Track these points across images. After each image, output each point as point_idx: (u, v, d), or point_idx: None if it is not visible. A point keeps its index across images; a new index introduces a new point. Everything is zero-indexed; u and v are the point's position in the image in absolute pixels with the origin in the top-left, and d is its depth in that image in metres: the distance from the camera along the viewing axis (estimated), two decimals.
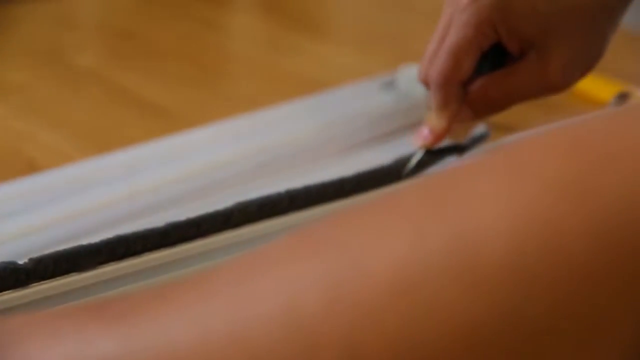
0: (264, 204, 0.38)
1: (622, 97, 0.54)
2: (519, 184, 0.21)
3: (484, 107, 0.45)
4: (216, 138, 0.52)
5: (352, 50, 0.77)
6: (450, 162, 0.47)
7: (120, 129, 0.58)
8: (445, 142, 0.48)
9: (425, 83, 0.46)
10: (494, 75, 0.45)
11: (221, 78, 0.71)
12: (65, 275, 0.34)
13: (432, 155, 0.47)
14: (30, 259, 0.34)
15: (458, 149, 0.48)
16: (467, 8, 0.42)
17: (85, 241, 0.36)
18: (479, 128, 0.52)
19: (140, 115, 0.60)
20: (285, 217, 0.39)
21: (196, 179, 0.47)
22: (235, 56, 0.78)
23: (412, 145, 0.46)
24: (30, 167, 0.50)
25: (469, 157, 0.23)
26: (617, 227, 0.20)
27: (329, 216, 0.24)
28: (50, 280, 0.34)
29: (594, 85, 0.64)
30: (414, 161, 0.46)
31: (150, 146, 0.51)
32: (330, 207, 0.40)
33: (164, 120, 0.59)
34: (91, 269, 0.34)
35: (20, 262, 0.34)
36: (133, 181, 0.46)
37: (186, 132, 0.53)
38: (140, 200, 0.44)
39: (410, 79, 0.59)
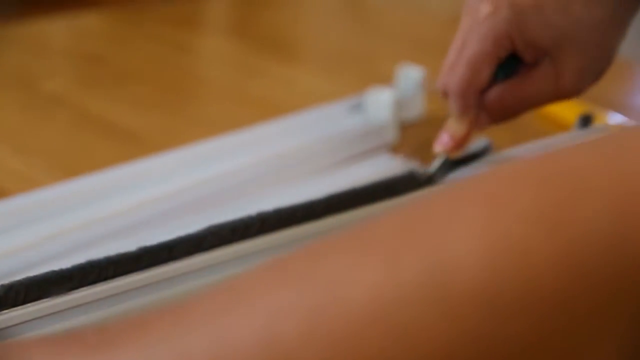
0: (236, 227, 0.38)
1: (586, 119, 0.55)
2: (492, 214, 0.22)
3: (500, 114, 0.47)
4: (186, 161, 0.53)
5: (321, 74, 0.78)
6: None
7: (90, 154, 0.58)
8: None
9: (445, 92, 0.47)
10: (509, 82, 0.47)
11: (191, 101, 0.71)
12: (37, 302, 0.34)
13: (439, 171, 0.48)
14: (1, 286, 0.34)
15: (460, 162, 0.49)
16: (485, 21, 0.44)
17: (56, 266, 0.36)
18: (482, 141, 0.53)
19: (109, 139, 0.60)
20: (257, 240, 0.39)
21: (166, 202, 0.47)
22: (205, 79, 0.78)
23: (435, 149, 0.48)
24: None
25: (442, 186, 0.24)
26: (589, 257, 0.21)
27: (304, 246, 0.24)
28: (22, 307, 0.34)
29: (559, 107, 0.65)
30: (435, 165, 0.48)
31: (120, 170, 0.51)
32: (300, 229, 0.40)
33: (134, 145, 0.59)
34: (63, 295, 0.34)
35: None
36: (103, 205, 0.46)
37: (156, 155, 0.53)
38: (111, 224, 0.44)
39: (377, 101, 0.60)
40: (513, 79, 0.47)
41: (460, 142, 0.48)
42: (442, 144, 0.48)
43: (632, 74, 0.81)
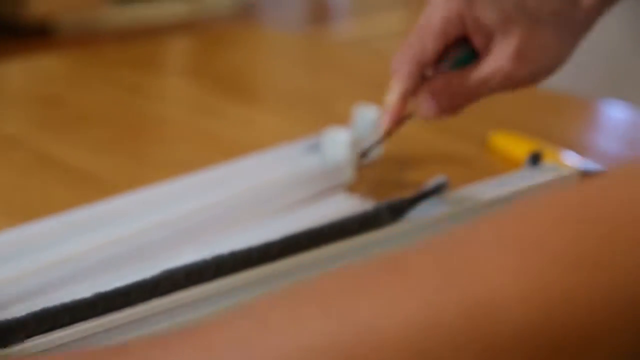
0: (191, 271, 0.38)
1: (536, 157, 0.56)
2: (529, 256, 0.22)
3: (449, 102, 0.47)
4: (144, 203, 0.53)
5: (279, 114, 0.79)
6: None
7: (48, 197, 0.58)
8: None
9: (393, 66, 0.48)
10: (458, 70, 0.47)
11: (150, 143, 0.71)
12: None
13: (396, 209, 0.48)
14: None
15: (416, 200, 0.49)
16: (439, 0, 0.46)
17: (12, 312, 0.36)
18: (439, 178, 0.54)
19: (67, 182, 0.60)
20: (214, 284, 0.39)
21: (124, 245, 0.47)
22: (163, 121, 0.78)
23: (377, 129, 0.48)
24: None
25: (473, 223, 0.24)
26: (624, 299, 0.22)
27: (332, 274, 0.24)
28: None
29: (509, 142, 0.66)
30: (371, 146, 0.48)
31: (79, 213, 0.51)
32: (257, 271, 0.41)
33: (92, 187, 0.59)
34: (17, 344, 0.34)
35: None
36: (61, 248, 0.46)
37: (115, 198, 0.53)
38: (68, 268, 0.44)
39: (334, 141, 0.60)
40: (463, 67, 0.47)
41: (395, 117, 0.47)
42: (383, 124, 0.48)
43: (586, 111, 0.83)
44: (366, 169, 0.63)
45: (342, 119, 0.68)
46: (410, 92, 0.47)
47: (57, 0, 2.60)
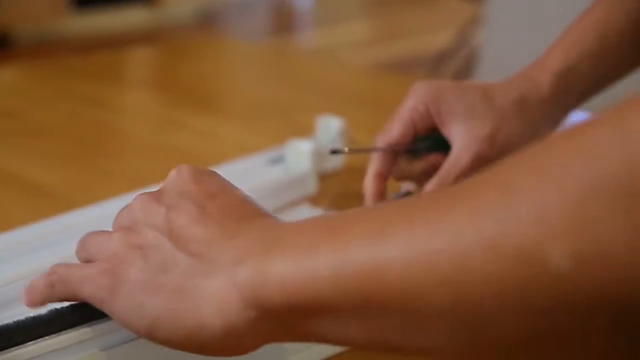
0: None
1: None
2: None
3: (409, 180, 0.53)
4: (101, 218, 0.52)
5: (241, 126, 0.78)
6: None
7: (3, 211, 0.57)
8: None
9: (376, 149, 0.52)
10: (435, 154, 0.52)
11: (109, 156, 0.70)
12: None
13: None
14: None
15: None
16: (412, 95, 0.51)
17: None
18: (408, 185, 0.54)
19: (24, 196, 0.59)
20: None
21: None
22: (123, 133, 0.77)
23: None
24: None
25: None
26: None
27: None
28: None
29: None
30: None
31: (34, 228, 0.49)
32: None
33: (49, 202, 0.58)
34: None
35: None
36: (16, 263, 0.45)
37: (71, 213, 0.52)
38: (23, 283, 0.43)
39: (297, 153, 0.60)
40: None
41: (373, 195, 0.51)
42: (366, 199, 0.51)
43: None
44: (329, 180, 0.63)
45: (305, 129, 0.68)
46: (382, 173, 0.51)
47: (15, 10, 2.56)
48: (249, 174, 0.60)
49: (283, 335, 0.30)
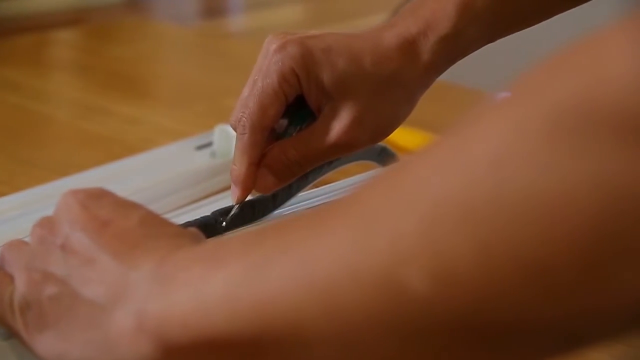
0: None
1: None
2: None
3: (284, 170, 0.45)
4: (22, 206, 0.50)
5: (169, 111, 0.76)
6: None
7: None
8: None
9: (235, 128, 0.45)
10: (295, 138, 0.45)
11: (31, 144, 0.68)
12: None
13: (248, 209, 0.47)
14: None
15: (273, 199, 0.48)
16: (274, 56, 0.44)
17: None
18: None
19: None
20: None
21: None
22: (46, 120, 0.75)
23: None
24: None
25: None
26: None
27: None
28: None
29: (402, 136, 0.66)
30: (228, 218, 0.46)
31: None
32: None
33: None
34: None
35: None
36: None
37: None
38: None
39: (226, 138, 0.59)
40: (296, 133, 0.46)
41: (245, 186, 0.45)
42: (233, 195, 0.46)
43: (479, 102, 0.84)
44: None
45: None
46: (258, 160, 0.45)
47: None
48: (176, 160, 0.58)
49: None
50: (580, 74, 0.22)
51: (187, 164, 0.57)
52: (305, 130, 0.45)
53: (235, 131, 0.45)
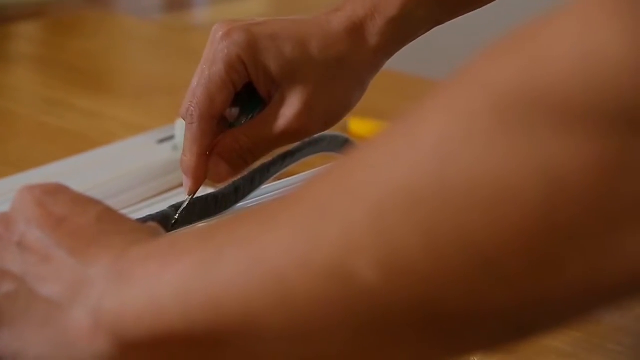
0: None
1: None
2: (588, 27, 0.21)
3: (237, 159, 0.45)
4: None
5: (130, 105, 0.76)
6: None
7: None
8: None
9: (184, 119, 0.45)
10: (246, 126, 0.45)
11: None
12: None
13: (212, 202, 0.46)
14: None
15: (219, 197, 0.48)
16: (220, 43, 0.43)
17: None
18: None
19: None
20: None
21: None
22: (5, 115, 0.74)
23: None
24: None
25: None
26: None
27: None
28: None
29: (362, 126, 0.67)
30: (180, 210, 0.45)
31: None
32: None
33: None
34: None
35: None
36: None
37: None
38: None
39: None
40: (248, 120, 0.45)
41: (195, 177, 0.44)
42: (185, 186, 0.45)
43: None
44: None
45: None
46: (208, 150, 0.44)
47: None
48: (138, 154, 0.58)
49: None
50: (521, 57, 0.22)
51: (149, 158, 0.57)
52: (256, 117, 0.45)
53: (185, 121, 0.45)
